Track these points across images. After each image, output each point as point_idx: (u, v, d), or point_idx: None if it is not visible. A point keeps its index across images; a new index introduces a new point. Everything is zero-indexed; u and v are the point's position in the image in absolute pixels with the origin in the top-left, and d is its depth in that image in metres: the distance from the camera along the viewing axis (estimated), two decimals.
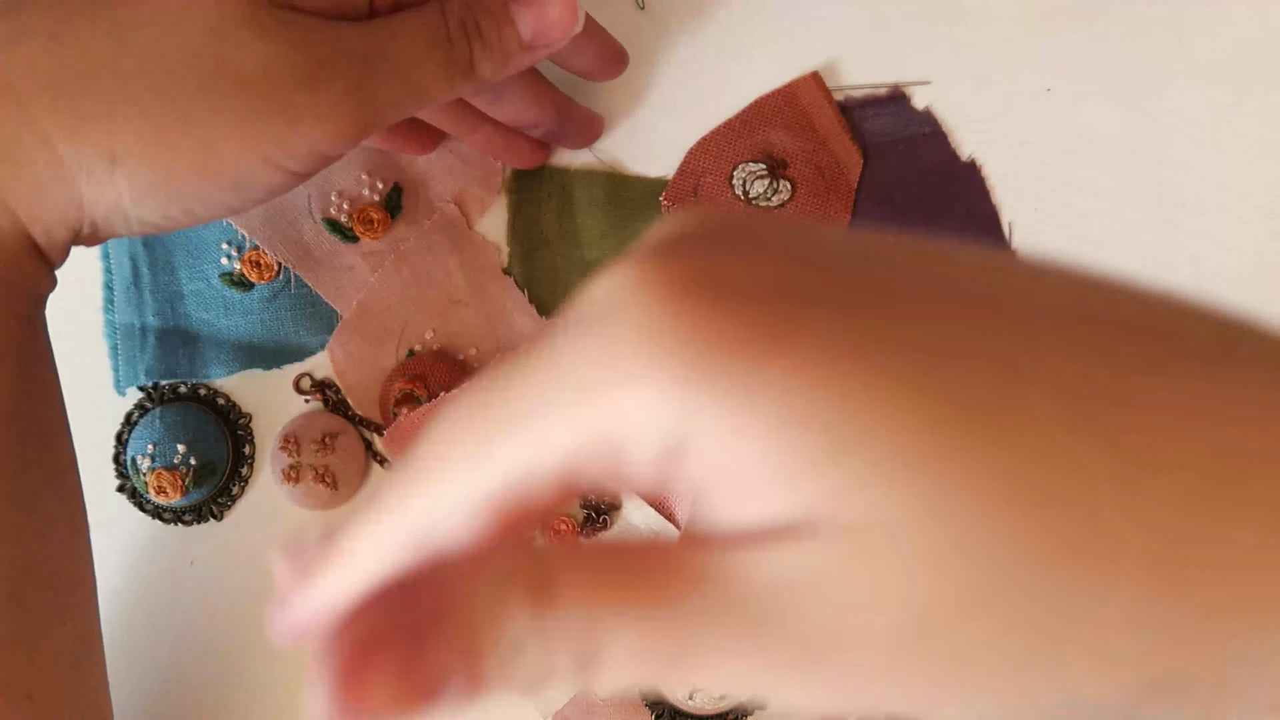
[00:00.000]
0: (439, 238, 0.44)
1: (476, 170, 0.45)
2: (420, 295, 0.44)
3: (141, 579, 0.44)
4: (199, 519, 0.44)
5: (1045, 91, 0.46)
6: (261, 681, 0.44)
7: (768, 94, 0.45)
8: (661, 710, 0.44)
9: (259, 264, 0.44)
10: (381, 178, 0.44)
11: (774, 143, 0.44)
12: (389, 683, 0.17)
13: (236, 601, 0.44)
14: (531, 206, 0.45)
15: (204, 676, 0.44)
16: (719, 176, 0.44)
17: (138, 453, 0.44)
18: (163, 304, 0.45)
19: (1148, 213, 0.45)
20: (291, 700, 0.44)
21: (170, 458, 0.43)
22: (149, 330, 0.45)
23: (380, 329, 0.44)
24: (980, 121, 0.45)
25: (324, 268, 0.44)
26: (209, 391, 0.45)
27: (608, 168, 0.45)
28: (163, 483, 0.43)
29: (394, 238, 0.44)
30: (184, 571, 0.45)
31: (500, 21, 0.34)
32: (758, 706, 0.44)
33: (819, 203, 0.44)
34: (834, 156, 0.45)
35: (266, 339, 0.45)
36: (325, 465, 0.44)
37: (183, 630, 0.44)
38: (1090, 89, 0.45)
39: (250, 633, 0.44)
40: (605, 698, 0.44)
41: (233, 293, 0.44)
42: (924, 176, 0.45)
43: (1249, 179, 0.45)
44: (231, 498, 0.45)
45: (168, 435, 0.44)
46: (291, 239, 0.44)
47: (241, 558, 0.44)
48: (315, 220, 0.44)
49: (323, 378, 0.45)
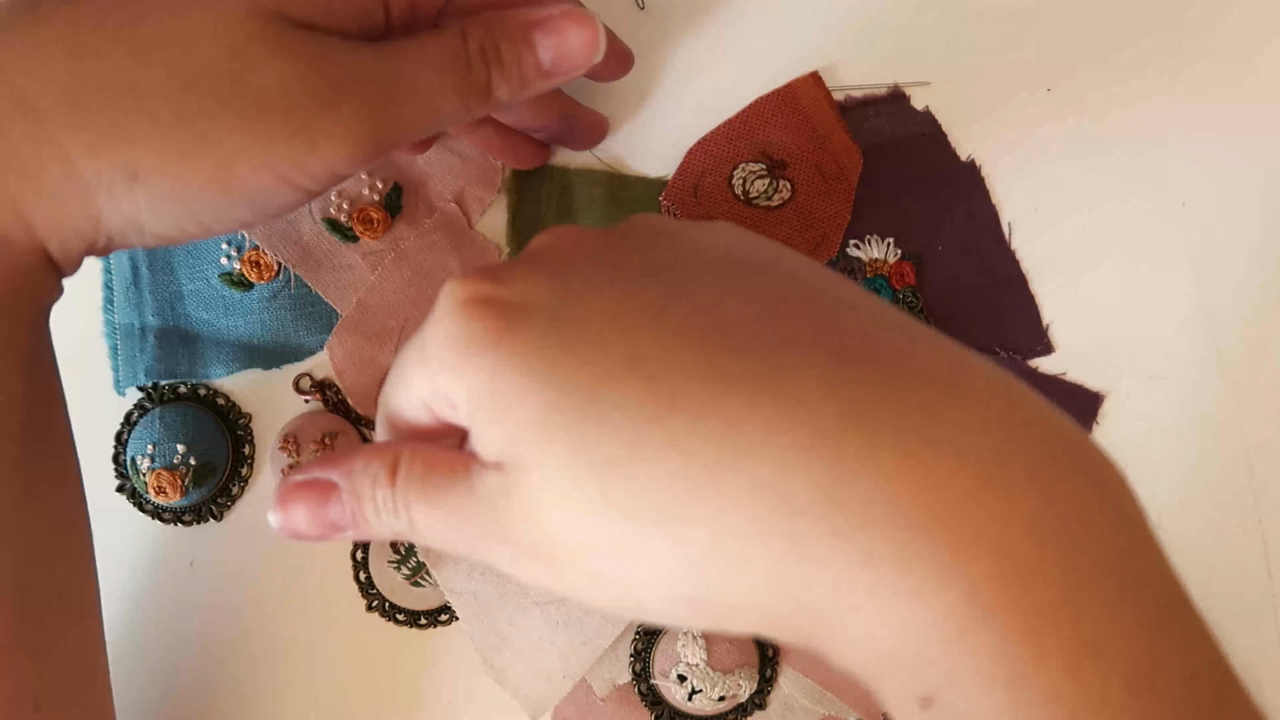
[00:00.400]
0: (439, 237, 0.44)
1: (476, 169, 0.45)
2: (420, 294, 0.44)
3: (141, 579, 0.44)
4: (199, 519, 0.44)
5: (1045, 91, 0.46)
6: (261, 681, 0.44)
7: (767, 94, 0.45)
8: (661, 710, 0.44)
9: (259, 264, 0.44)
10: (381, 177, 0.44)
11: (774, 143, 0.44)
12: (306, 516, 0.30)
13: (236, 601, 0.44)
14: (531, 206, 0.45)
15: (203, 677, 0.44)
16: (718, 176, 0.44)
17: (137, 453, 0.44)
18: (162, 304, 0.45)
19: (1148, 212, 0.45)
20: (291, 700, 0.44)
21: (170, 458, 0.43)
22: (149, 330, 0.45)
23: (380, 328, 0.44)
24: (980, 121, 0.45)
25: (324, 267, 0.44)
26: (209, 391, 0.45)
27: (608, 168, 0.45)
28: (163, 483, 0.43)
29: (394, 237, 0.44)
30: (184, 571, 0.45)
31: (521, 48, 0.34)
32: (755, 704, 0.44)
33: (819, 203, 0.44)
34: (834, 156, 0.44)
35: (266, 339, 0.45)
36: None
37: (182, 630, 0.44)
38: (1090, 88, 0.46)
39: (250, 633, 0.44)
40: (603, 697, 0.44)
41: (232, 293, 0.44)
42: (924, 176, 0.45)
43: (1249, 179, 0.45)
44: (231, 498, 0.45)
45: (168, 435, 0.43)
46: (291, 239, 0.44)
47: (241, 558, 0.44)
48: (315, 220, 0.44)
49: (323, 378, 0.45)
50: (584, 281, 0.27)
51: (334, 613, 0.44)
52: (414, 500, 0.28)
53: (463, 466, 0.28)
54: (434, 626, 0.44)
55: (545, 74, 0.35)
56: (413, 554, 0.43)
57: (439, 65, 0.33)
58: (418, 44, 0.33)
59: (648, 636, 0.44)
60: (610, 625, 0.44)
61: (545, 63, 0.34)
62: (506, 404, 0.26)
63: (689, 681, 0.43)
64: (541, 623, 0.43)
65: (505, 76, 0.34)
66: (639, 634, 0.44)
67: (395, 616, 0.44)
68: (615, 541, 0.25)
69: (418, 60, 0.33)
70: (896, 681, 0.25)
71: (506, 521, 0.27)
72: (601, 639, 0.43)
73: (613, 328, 0.26)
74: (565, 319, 0.26)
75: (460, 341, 0.27)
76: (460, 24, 0.34)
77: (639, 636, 0.44)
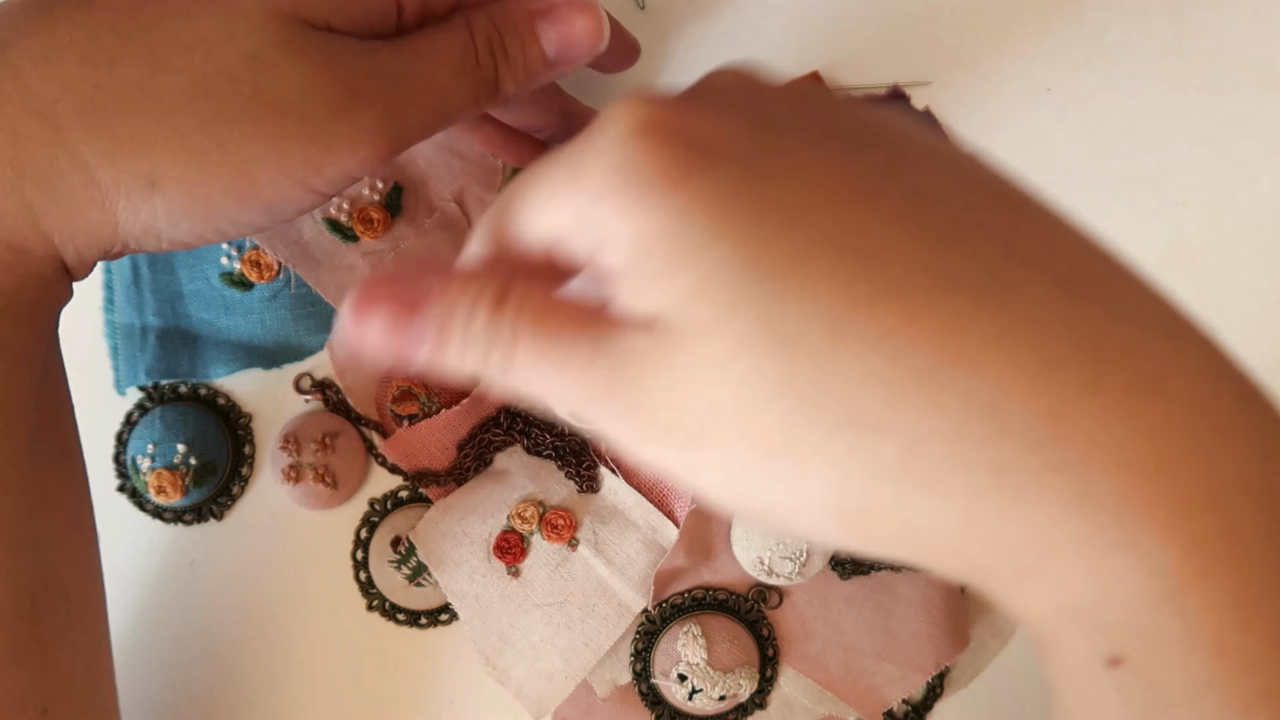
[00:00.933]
0: (439, 236, 0.44)
1: (476, 169, 0.45)
2: None
3: (142, 579, 0.44)
4: (199, 519, 0.44)
5: (1045, 91, 0.46)
6: (261, 681, 0.44)
7: None
8: (662, 710, 0.44)
9: (259, 264, 0.44)
10: (381, 177, 0.44)
11: None
12: (382, 327, 0.25)
13: (236, 601, 0.44)
14: None
15: (204, 676, 0.44)
16: None
17: (138, 453, 0.44)
18: (163, 304, 0.45)
19: (1148, 213, 0.45)
20: (291, 700, 0.44)
21: (170, 458, 0.43)
22: (149, 330, 0.45)
23: None
24: (980, 121, 0.45)
25: (324, 267, 0.44)
26: (209, 391, 0.45)
27: None
28: (163, 483, 0.43)
29: (394, 237, 0.44)
30: (184, 571, 0.45)
31: (525, 39, 0.34)
32: (756, 704, 0.44)
33: None
34: None
35: (266, 339, 0.45)
36: (325, 465, 0.44)
37: (183, 630, 0.44)
38: (1090, 89, 0.46)
39: (250, 633, 0.44)
40: (603, 697, 0.44)
41: (233, 292, 0.44)
42: None
43: (1249, 179, 0.45)
44: (231, 498, 0.45)
45: (168, 435, 0.43)
46: (291, 238, 0.44)
47: (241, 558, 0.45)
48: (315, 219, 0.44)
49: (323, 378, 0.45)
50: (785, 137, 0.24)
51: (334, 613, 0.44)
52: (524, 337, 0.24)
53: (593, 317, 0.24)
54: (434, 626, 0.44)
55: (550, 64, 0.34)
56: (413, 554, 0.43)
57: (450, 62, 0.33)
58: (429, 41, 0.33)
59: (648, 637, 0.44)
60: (612, 626, 0.44)
61: (550, 53, 0.34)
62: (686, 257, 0.22)
63: (689, 681, 0.43)
64: (543, 624, 0.43)
65: (511, 70, 0.34)
66: (639, 634, 0.44)
67: (395, 616, 0.44)
68: (784, 438, 0.22)
69: (430, 58, 0.32)
70: (1080, 637, 0.23)
71: (641, 390, 0.23)
72: (603, 640, 0.43)
73: (818, 195, 0.23)
74: (763, 173, 0.23)
75: (637, 172, 0.23)
76: (465, 17, 0.33)
77: (639, 637, 0.44)
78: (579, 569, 0.44)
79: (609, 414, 0.24)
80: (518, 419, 0.44)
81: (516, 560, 0.44)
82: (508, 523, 0.44)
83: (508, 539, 0.43)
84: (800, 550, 0.43)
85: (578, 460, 0.44)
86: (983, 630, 0.45)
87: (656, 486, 0.44)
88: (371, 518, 0.45)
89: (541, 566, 0.44)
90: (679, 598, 0.44)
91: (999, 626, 0.45)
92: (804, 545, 0.43)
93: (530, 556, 0.44)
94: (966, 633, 0.44)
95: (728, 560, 0.44)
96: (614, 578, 0.44)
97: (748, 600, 0.44)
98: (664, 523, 0.44)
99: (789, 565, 0.43)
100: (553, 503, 0.44)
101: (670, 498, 0.44)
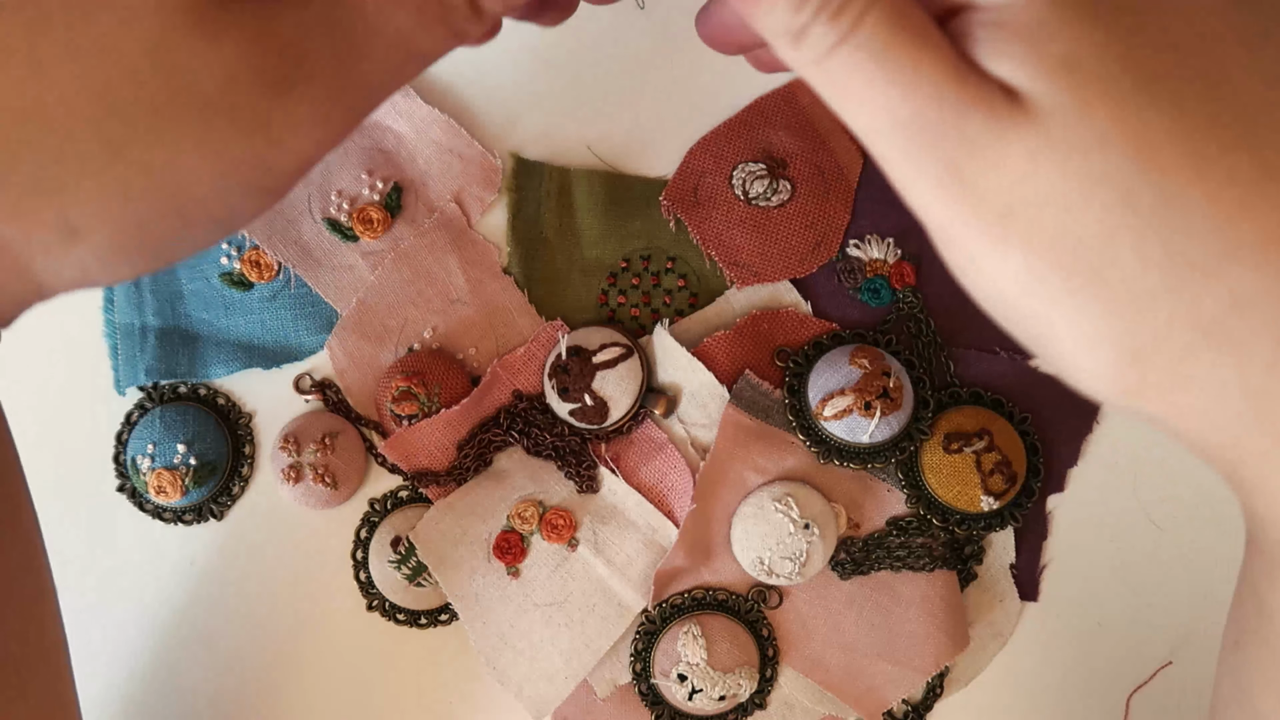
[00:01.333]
0: (439, 236, 0.44)
1: (476, 169, 0.45)
2: (420, 294, 0.44)
3: (141, 579, 0.44)
4: (199, 519, 0.44)
5: None
6: (261, 680, 0.44)
7: (767, 94, 0.45)
8: (662, 710, 0.44)
9: (259, 264, 0.44)
10: (381, 177, 0.44)
11: (774, 142, 0.44)
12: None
13: (236, 601, 0.44)
14: (531, 206, 0.45)
15: (204, 676, 0.44)
16: (719, 176, 0.44)
17: (138, 453, 0.44)
18: (163, 304, 0.45)
19: None
20: (292, 699, 0.44)
21: (170, 458, 0.43)
22: (149, 330, 0.45)
23: (379, 327, 0.44)
24: None
25: (324, 267, 0.44)
26: (209, 391, 0.45)
27: (608, 167, 0.45)
28: (163, 483, 0.43)
29: (394, 237, 0.44)
30: (184, 571, 0.45)
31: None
32: (755, 704, 0.44)
33: (819, 202, 0.44)
34: (834, 156, 0.44)
35: (266, 339, 0.45)
36: (325, 464, 0.44)
37: (183, 629, 0.44)
38: None
39: (250, 632, 0.44)
40: (603, 697, 0.44)
41: (233, 292, 0.44)
42: None
43: None
44: (231, 498, 0.45)
45: (168, 435, 0.43)
46: (291, 238, 0.44)
47: (241, 558, 0.45)
48: (315, 220, 0.44)
49: (323, 378, 0.45)
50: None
51: (334, 613, 0.44)
52: (875, 12, 0.22)
53: (949, 44, 0.22)
54: (434, 626, 0.44)
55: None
56: (413, 554, 0.43)
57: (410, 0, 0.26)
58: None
59: (648, 637, 0.44)
60: (612, 626, 0.44)
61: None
62: (1063, 24, 0.21)
63: (689, 681, 0.43)
64: (543, 624, 0.43)
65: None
66: (639, 634, 0.44)
67: (395, 616, 0.44)
68: (1104, 255, 0.21)
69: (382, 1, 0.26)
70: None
71: (970, 154, 0.22)
72: (603, 640, 0.43)
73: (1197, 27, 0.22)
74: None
75: None
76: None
77: (639, 637, 0.44)
78: (579, 569, 0.44)
79: (920, 164, 0.22)
80: (518, 419, 0.44)
81: (516, 560, 0.44)
82: (507, 523, 0.44)
83: (508, 539, 0.43)
84: (800, 550, 0.43)
85: (577, 460, 0.44)
86: (983, 630, 0.45)
87: (656, 487, 0.44)
88: (371, 518, 0.45)
89: (541, 566, 0.44)
90: (679, 598, 0.44)
91: (999, 626, 0.45)
92: (804, 546, 0.43)
93: (530, 556, 0.44)
94: (966, 633, 0.44)
95: (728, 560, 0.44)
96: (614, 578, 0.44)
97: (748, 600, 0.44)
98: (664, 523, 0.44)
99: (789, 565, 0.43)
100: (552, 503, 0.44)
101: (670, 497, 0.44)
